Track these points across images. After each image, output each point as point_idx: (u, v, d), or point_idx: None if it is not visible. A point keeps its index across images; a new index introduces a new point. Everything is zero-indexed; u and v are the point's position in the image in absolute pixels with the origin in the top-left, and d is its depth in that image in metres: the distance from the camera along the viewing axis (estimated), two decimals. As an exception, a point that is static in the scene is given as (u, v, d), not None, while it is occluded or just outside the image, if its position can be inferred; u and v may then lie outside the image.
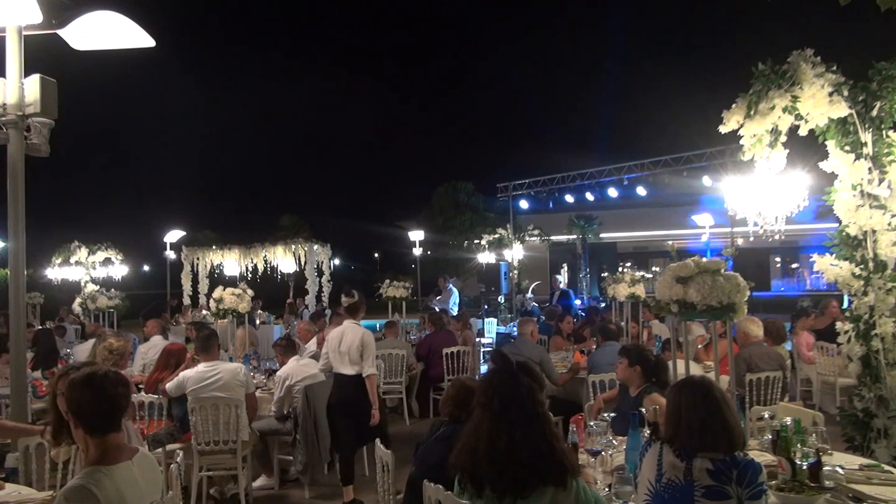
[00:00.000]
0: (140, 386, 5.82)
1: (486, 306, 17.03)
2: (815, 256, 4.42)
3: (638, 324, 8.69)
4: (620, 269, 20.95)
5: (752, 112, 4.19)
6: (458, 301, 15.29)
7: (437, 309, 13.06)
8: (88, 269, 13.48)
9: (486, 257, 19.50)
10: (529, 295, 17.26)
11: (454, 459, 2.39)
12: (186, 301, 15.58)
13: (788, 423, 3.21)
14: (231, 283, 9.11)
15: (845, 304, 7.16)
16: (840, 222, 4.27)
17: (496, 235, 19.19)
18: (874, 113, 4.08)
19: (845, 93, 4.10)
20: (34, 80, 3.69)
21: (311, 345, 7.24)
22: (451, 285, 15.07)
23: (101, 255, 13.60)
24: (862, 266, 4.18)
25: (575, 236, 20.51)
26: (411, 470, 3.20)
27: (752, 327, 5.74)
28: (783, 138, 4.23)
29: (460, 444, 2.40)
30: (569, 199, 18.57)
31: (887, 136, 4.10)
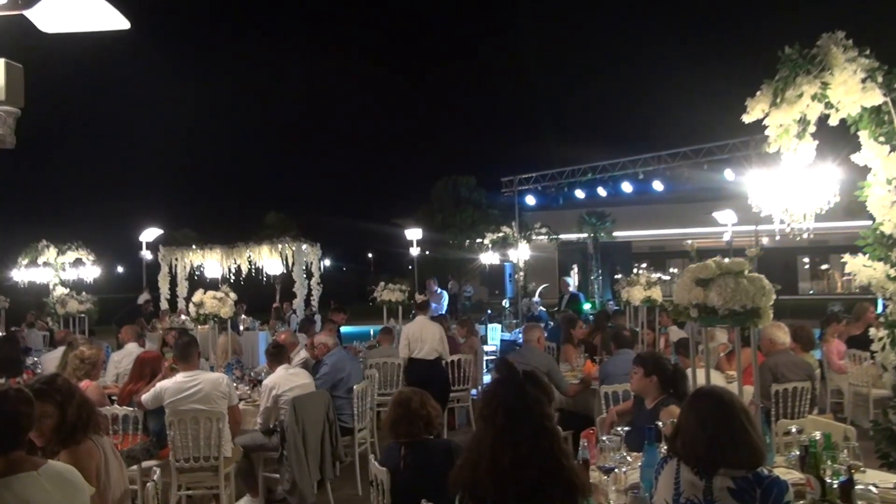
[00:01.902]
0: (113, 398, 5.82)
1: (489, 311, 17.05)
2: (846, 257, 4.42)
3: (654, 330, 8.69)
4: (635, 270, 20.95)
5: (778, 100, 4.19)
6: (445, 306, 15.31)
7: None
8: (57, 270, 13.47)
9: (489, 258, 19.52)
10: (536, 299, 17.26)
11: (454, 477, 2.39)
12: (165, 305, 15.58)
13: (818, 438, 3.20)
14: (212, 285, 9.12)
15: (879, 309, 7.17)
16: (874, 220, 4.27)
17: (500, 234, 19.21)
18: (911, 101, 4.08)
19: (879, 79, 4.09)
20: (-2, 65, 3.68)
21: (300, 353, 7.23)
22: (437, 288, 15.07)
23: (71, 256, 13.57)
24: (898, 267, 4.18)
25: (586, 235, 20.49)
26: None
27: (779, 334, 5.73)
28: (812, 128, 4.23)
29: (461, 460, 2.41)
30: (579, 194, 18.55)
31: (925, 127, 4.10)
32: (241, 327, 12.70)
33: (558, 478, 2.26)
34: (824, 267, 33.02)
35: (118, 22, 3.91)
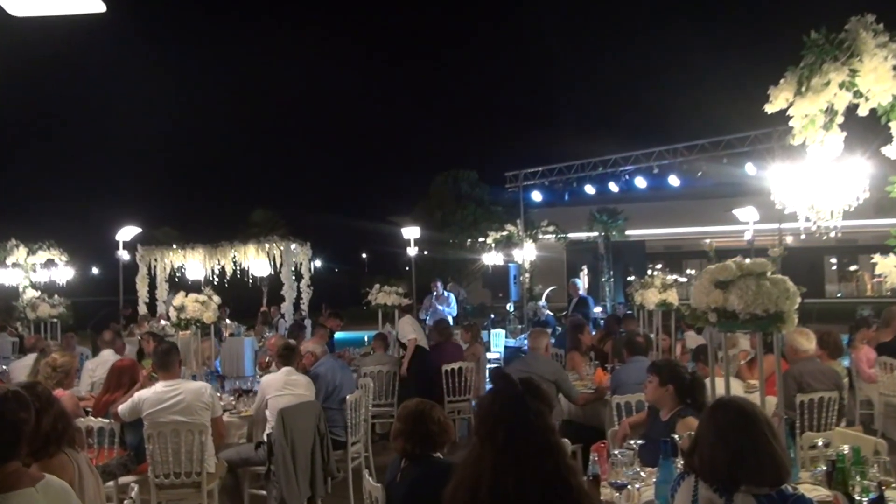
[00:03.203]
0: (88, 409, 5.82)
1: (492, 315, 17.04)
2: (876, 257, 4.43)
3: (670, 336, 8.69)
4: (649, 271, 20.94)
5: (803, 88, 4.19)
6: (455, 309, 15.33)
7: (425, 318, 13.17)
8: (28, 271, 13.49)
9: (492, 258, 19.50)
10: (543, 302, 17.27)
11: (450, 498, 2.36)
12: (143, 309, 15.58)
13: (846, 452, 3.21)
14: (195, 288, 9.12)
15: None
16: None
17: (504, 233, 19.18)
18: (946, 89, 4.09)
19: (912, 66, 4.10)
20: (-36, 51, 3.68)
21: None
22: (444, 291, 15.10)
23: (42, 256, 13.59)
24: (931, 268, 4.18)
25: (596, 234, 20.46)
26: None
27: (802, 341, 5.73)
28: (840, 119, 4.23)
29: (456, 480, 2.37)
30: (589, 190, 18.55)
31: (961, 117, 4.11)
32: (225, 333, 12.70)
33: (565, 499, 2.24)
34: (853, 268, 33.02)
35: (93, 4, 3.91)
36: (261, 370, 8.37)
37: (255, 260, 15.59)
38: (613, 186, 17.85)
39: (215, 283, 15.36)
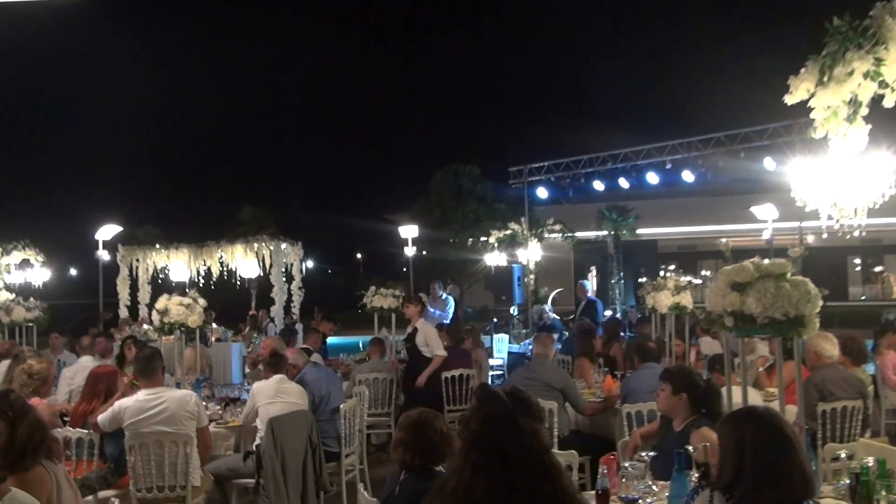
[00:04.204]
0: (66, 418, 5.82)
1: (495, 319, 17.05)
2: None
3: (684, 341, 8.70)
4: (662, 273, 20.94)
5: (825, 78, 4.18)
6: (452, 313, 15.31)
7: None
8: (1, 273, 13.49)
9: (495, 258, 19.50)
10: (549, 306, 17.29)
11: None
12: (124, 313, 15.59)
13: (871, 465, 3.21)
14: (179, 290, 9.12)
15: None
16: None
17: (508, 232, 19.17)
18: (977, 79, 4.08)
19: (941, 54, 4.09)
20: (-66, 38, 3.68)
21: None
22: (443, 293, 15.09)
23: (17, 256, 13.60)
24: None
25: (605, 232, 20.51)
26: None
27: (826, 346, 5.74)
28: (864, 111, 4.23)
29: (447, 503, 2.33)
30: (598, 186, 18.53)
31: None
32: (212, 338, 12.71)
33: None
34: (878, 269, 33.08)
35: (71, -11, 3.91)
36: (250, 368, 8.37)
37: (243, 260, 15.57)
38: (624, 182, 17.82)
39: (201, 284, 15.36)
